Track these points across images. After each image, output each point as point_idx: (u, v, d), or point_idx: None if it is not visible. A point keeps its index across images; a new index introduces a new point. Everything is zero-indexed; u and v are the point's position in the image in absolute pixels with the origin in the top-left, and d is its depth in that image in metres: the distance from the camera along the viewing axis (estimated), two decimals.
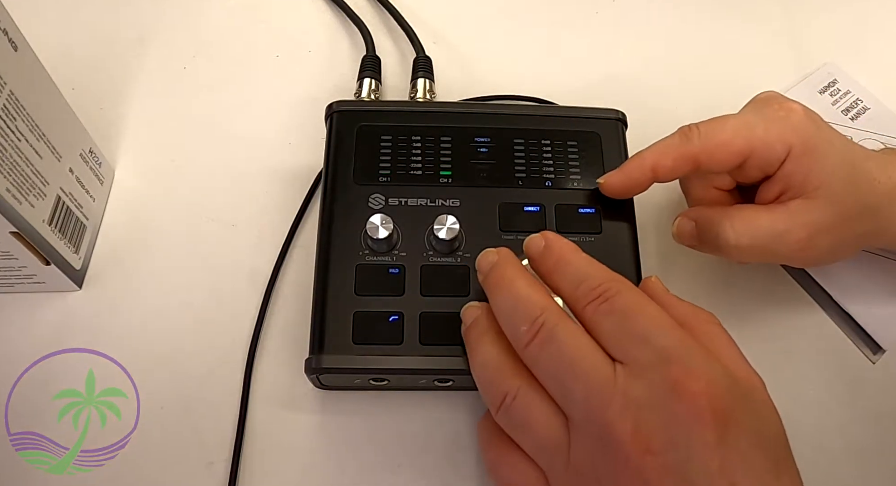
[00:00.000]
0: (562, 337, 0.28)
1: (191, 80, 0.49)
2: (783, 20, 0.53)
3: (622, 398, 0.26)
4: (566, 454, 0.27)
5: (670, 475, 0.25)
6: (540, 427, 0.28)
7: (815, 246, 0.36)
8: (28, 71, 0.35)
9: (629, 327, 0.27)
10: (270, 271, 0.42)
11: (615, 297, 0.28)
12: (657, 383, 0.26)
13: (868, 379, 0.41)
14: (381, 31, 0.51)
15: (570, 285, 0.30)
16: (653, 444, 0.25)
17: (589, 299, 0.28)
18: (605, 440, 0.26)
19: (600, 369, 0.27)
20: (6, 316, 0.40)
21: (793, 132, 0.36)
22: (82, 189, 0.40)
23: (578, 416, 0.27)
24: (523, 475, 0.29)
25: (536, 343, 0.28)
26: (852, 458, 0.39)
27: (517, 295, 0.30)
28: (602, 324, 0.28)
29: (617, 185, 0.38)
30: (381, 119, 0.41)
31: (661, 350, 0.27)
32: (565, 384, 0.27)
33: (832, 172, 0.36)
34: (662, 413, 0.26)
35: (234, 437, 0.37)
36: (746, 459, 0.26)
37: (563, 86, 0.49)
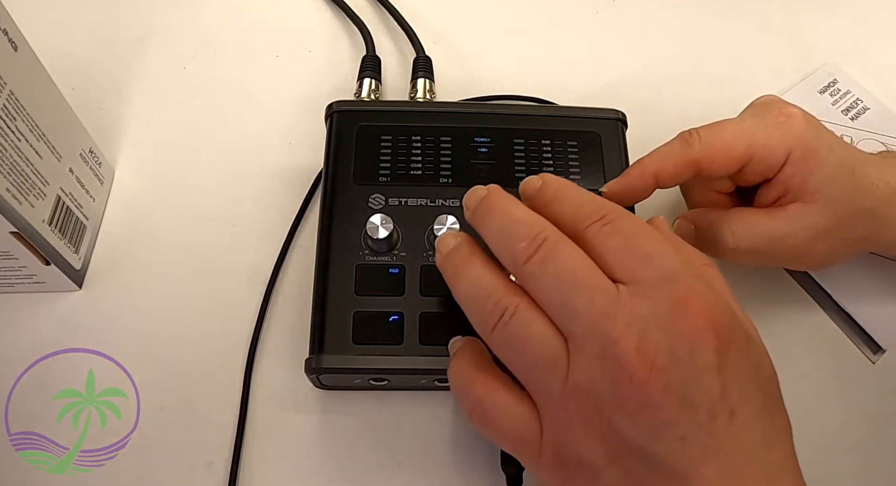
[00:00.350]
0: (564, 253, 0.27)
1: (191, 80, 0.49)
2: (783, 20, 0.53)
3: (627, 314, 0.25)
4: (564, 373, 0.26)
5: (673, 393, 0.24)
6: (539, 343, 0.27)
7: (814, 250, 0.36)
8: (28, 71, 0.35)
9: (633, 246, 0.27)
10: (270, 271, 0.42)
11: (618, 220, 0.27)
12: (661, 300, 0.25)
13: (868, 379, 0.41)
14: (381, 31, 0.51)
15: (571, 209, 0.28)
16: (658, 360, 0.25)
17: (591, 220, 0.28)
18: (608, 356, 0.25)
19: (604, 284, 0.26)
20: (6, 316, 0.40)
21: (792, 137, 0.36)
22: (82, 189, 0.40)
23: (580, 331, 0.26)
24: (512, 409, 0.28)
25: (537, 259, 0.27)
26: (852, 458, 0.39)
27: (513, 217, 0.29)
28: (605, 245, 0.27)
29: (620, 192, 0.38)
30: (381, 119, 0.41)
31: (665, 270, 0.26)
32: (568, 299, 0.26)
33: (831, 177, 0.36)
34: (667, 330, 0.25)
35: (234, 437, 0.37)
36: (745, 388, 0.25)
37: (563, 86, 0.49)
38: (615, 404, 0.25)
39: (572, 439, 0.26)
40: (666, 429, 0.24)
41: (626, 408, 0.25)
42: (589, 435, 0.26)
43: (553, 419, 0.27)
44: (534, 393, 0.28)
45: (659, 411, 0.24)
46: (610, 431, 0.25)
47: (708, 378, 0.25)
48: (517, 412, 0.28)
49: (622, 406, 0.25)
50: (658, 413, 0.24)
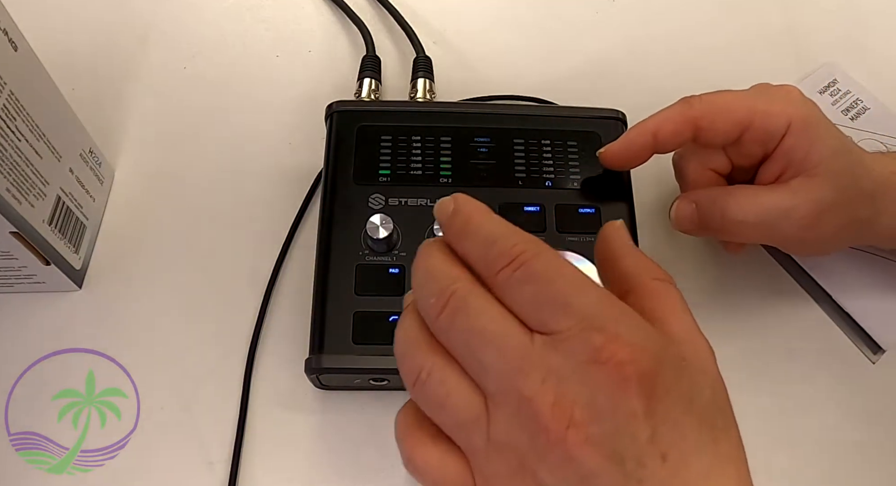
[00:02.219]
0: (473, 306, 0.25)
1: (191, 80, 0.49)
2: (783, 20, 0.53)
3: (541, 369, 0.24)
4: (485, 430, 0.25)
5: (596, 448, 0.23)
6: (457, 403, 0.26)
7: (819, 226, 0.36)
8: (28, 71, 0.35)
9: (547, 294, 0.25)
10: (270, 271, 0.42)
11: (530, 261, 0.25)
12: (578, 351, 0.24)
13: (868, 379, 0.41)
14: (381, 31, 0.51)
15: (480, 249, 0.26)
16: (575, 416, 0.23)
17: (500, 264, 0.25)
18: (524, 414, 0.24)
19: (515, 337, 0.25)
20: (6, 316, 0.40)
21: (793, 108, 0.36)
22: (82, 189, 0.40)
23: (494, 388, 0.25)
24: (440, 465, 0.27)
25: (446, 315, 0.25)
26: (852, 458, 0.39)
27: (428, 266, 0.27)
28: (517, 293, 0.25)
29: (618, 153, 0.37)
30: (381, 119, 0.41)
31: (583, 316, 0.24)
32: (478, 356, 0.25)
33: (833, 151, 0.36)
34: (585, 383, 0.24)
35: (234, 437, 0.37)
36: (679, 427, 0.24)
37: (563, 86, 0.49)
38: (538, 459, 0.24)
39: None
40: (592, 481, 0.23)
41: (549, 463, 0.24)
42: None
43: (482, 472, 0.26)
44: (462, 448, 0.27)
45: (582, 465, 0.23)
46: (536, 483, 0.24)
47: (633, 427, 0.23)
48: (446, 468, 0.27)
49: (544, 462, 0.24)
50: (581, 467, 0.23)
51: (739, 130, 0.36)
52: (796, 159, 0.36)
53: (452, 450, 0.27)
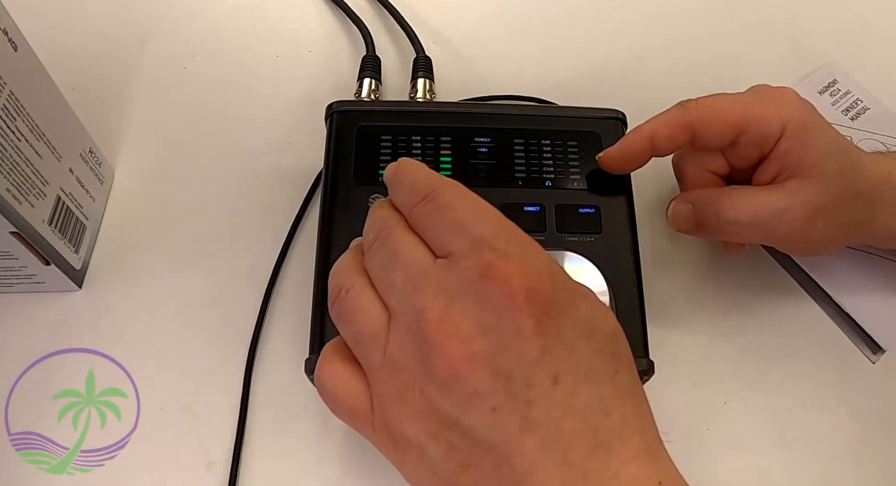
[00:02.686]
0: (395, 235, 0.27)
1: (191, 80, 0.49)
2: (783, 20, 0.53)
3: (436, 285, 0.25)
4: (384, 346, 0.26)
5: (480, 363, 0.23)
6: (363, 317, 0.27)
7: (814, 227, 0.36)
8: (28, 71, 0.35)
9: (448, 219, 0.26)
10: (270, 271, 0.42)
11: (440, 195, 0.26)
12: (469, 268, 0.24)
13: (868, 379, 0.41)
14: (381, 31, 0.51)
15: (405, 192, 0.28)
16: (461, 329, 0.24)
17: (416, 200, 0.27)
18: (415, 328, 0.24)
19: (421, 260, 0.26)
20: (6, 316, 0.40)
21: (788, 111, 0.36)
22: (82, 189, 0.40)
23: (396, 305, 0.26)
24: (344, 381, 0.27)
25: (376, 245, 0.27)
26: (852, 458, 0.39)
27: (372, 214, 0.29)
28: (426, 222, 0.27)
29: (615, 158, 0.38)
30: (381, 119, 0.41)
31: (478, 238, 0.25)
32: (389, 276, 0.26)
33: (827, 153, 0.36)
34: (474, 300, 0.24)
35: (234, 437, 0.37)
36: (574, 350, 0.24)
37: (563, 86, 0.49)
38: (425, 376, 0.24)
39: (395, 414, 0.25)
40: (476, 400, 0.23)
41: (435, 380, 0.24)
42: (408, 410, 0.25)
43: (378, 393, 0.26)
44: (364, 369, 0.27)
45: (466, 381, 0.23)
46: (425, 405, 0.24)
47: (522, 344, 0.23)
48: (349, 385, 0.27)
49: (431, 378, 0.24)
50: (465, 384, 0.23)
51: (735, 134, 0.37)
52: (791, 162, 0.36)
53: (358, 372, 0.27)
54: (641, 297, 0.37)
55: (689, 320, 0.42)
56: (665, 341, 0.40)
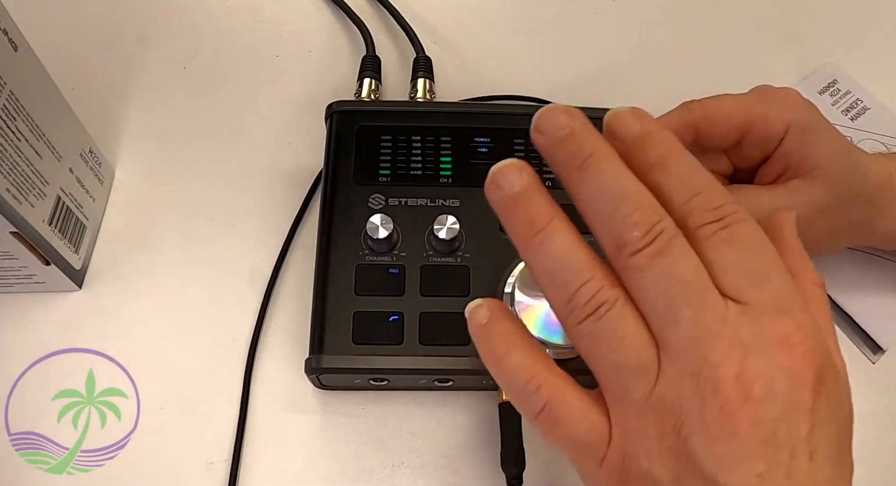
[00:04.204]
0: (678, 253, 0.24)
1: (191, 80, 0.49)
2: (783, 20, 0.53)
3: (731, 337, 0.24)
4: (652, 382, 0.24)
5: (761, 428, 0.23)
6: (631, 345, 0.25)
7: (814, 227, 0.36)
8: (28, 71, 0.35)
9: (749, 263, 0.24)
10: (270, 271, 0.42)
11: (738, 225, 0.25)
12: (769, 330, 0.24)
13: (868, 379, 0.41)
14: (381, 32, 0.51)
15: (681, 193, 0.25)
16: (753, 392, 0.23)
17: (707, 219, 0.25)
18: (703, 377, 0.24)
19: (714, 299, 0.24)
20: (6, 316, 0.40)
21: (792, 111, 0.36)
22: (82, 189, 0.40)
23: (678, 344, 0.24)
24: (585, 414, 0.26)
25: (648, 253, 0.24)
26: None
27: (623, 189, 0.25)
28: (719, 253, 0.24)
29: None
30: (381, 119, 0.41)
31: (778, 297, 0.24)
32: (673, 306, 0.24)
33: (830, 155, 0.36)
34: (769, 363, 0.23)
35: (234, 437, 0.37)
36: (826, 432, 0.24)
37: (563, 86, 0.49)
38: (699, 425, 0.24)
39: (642, 451, 0.25)
40: (745, 462, 0.23)
41: (709, 433, 0.23)
42: (662, 450, 0.24)
43: (626, 426, 0.25)
44: (609, 394, 0.26)
45: (742, 443, 0.23)
46: (684, 451, 0.24)
47: (799, 418, 0.24)
48: (590, 417, 0.26)
49: (706, 430, 0.24)
50: (741, 445, 0.23)
51: (739, 135, 0.37)
52: (794, 162, 0.36)
53: (598, 402, 0.26)
54: None
55: None
56: None
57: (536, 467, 0.37)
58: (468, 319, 0.28)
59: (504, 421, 0.35)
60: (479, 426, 0.38)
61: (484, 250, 0.37)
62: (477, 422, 0.38)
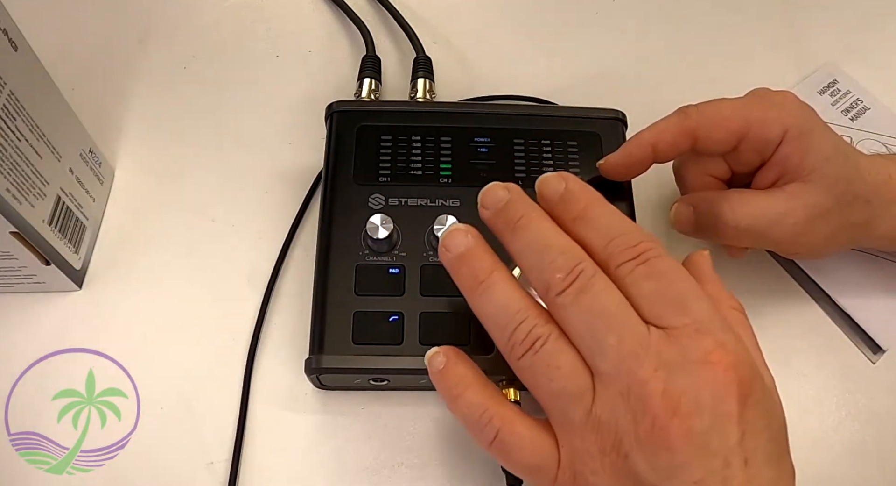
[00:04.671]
0: (599, 288, 0.27)
1: (191, 80, 0.49)
2: (783, 20, 0.53)
3: (655, 358, 0.26)
4: (588, 406, 0.27)
5: (692, 439, 0.25)
6: (567, 374, 0.27)
7: (813, 231, 0.37)
8: (28, 71, 0.35)
9: (667, 291, 0.27)
10: (270, 271, 0.42)
11: (655, 260, 0.28)
12: (690, 349, 0.26)
13: (868, 379, 0.41)
14: (381, 32, 0.51)
15: (601, 237, 0.28)
16: (681, 406, 0.25)
17: (625, 257, 0.28)
18: (633, 396, 0.26)
19: (635, 326, 0.27)
20: (6, 316, 0.40)
21: (789, 116, 0.37)
22: (82, 189, 0.40)
23: (607, 369, 0.27)
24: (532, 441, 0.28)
25: (572, 291, 0.27)
26: (852, 458, 0.39)
27: (547, 241, 0.29)
28: (638, 286, 0.27)
29: (617, 165, 0.38)
30: (381, 119, 0.41)
31: (696, 319, 0.27)
32: (597, 336, 0.27)
33: (827, 158, 0.36)
34: (693, 379, 0.26)
35: (234, 437, 0.37)
36: (758, 438, 0.26)
37: (563, 86, 0.49)
38: (635, 441, 0.26)
39: (588, 469, 0.27)
40: (682, 472, 0.25)
41: (645, 447, 0.26)
42: (605, 467, 0.27)
43: (571, 447, 0.28)
44: (554, 420, 0.29)
45: (677, 454, 0.25)
46: (626, 466, 0.26)
47: (728, 427, 0.25)
48: (537, 443, 0.29)
49: (641, 445, 0.26)
50: (675, 456, 0.25)
51: (736, 140, 0.37)
52: (791, 166, 0.36)
53: (545, 429, 0.29)
54: None
55: None
56: None
57: None
58: (427, 365, 0.31)
59: None
60: None
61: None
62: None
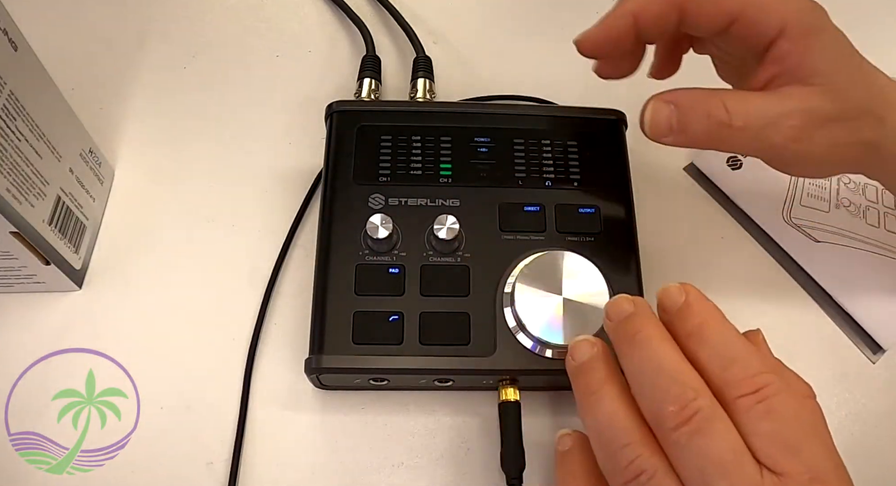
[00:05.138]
0: (714, 431, 0.26)
1: (191, 80, 0.49)
2: None
3: None
4: None
5: None
6: None
7: (810, 138, 0.33)
8: (28, 71, 0.35)
9: (784, 435, 0.27)
10: (270, 271, 0.42)
11: (773, 397, 0.27)
12: None
13: (868, 379, 0.41)
14: (381, 32, 0.51)
15: (717, 362, 0.28)
16: None
17: (743, 390, 0.27)
18: None
19: (750, 474, 0.26)
20: (6, 316, 0.40)
21: (794, 10, 0.33)
22: (82, 189, 0.40)
23: None
24: None
25: (687, 431, 0.26)
26: (852, 458, 0.39)
27: (661, 365, 0.28)
28: (755, 425, 0.27)
29: (595, 40, 0.35)
30: (381, 119, 0.41)
31: (810, 466, 0.26)
32: (709, 480, 0.26)
33: (835, 60, 0.33)
34: None
35: (234, 437, 0.37)
36: None
37: (563, 86, 0.49)
38: None
39: None
40: None
41: None
42: None
43: None
44: None
45: None
46: None
47: None
48: None
49: None
50: None
51: (727, 20, 0.33)
52: (790, 65, 0.33)
53: None
54: (641, 297, 0.37)
55: None
56: None
57: (536, 467, 0.37)
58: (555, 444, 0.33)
59: (504, 421, 0.36)
60: (479, 426, 0.38)
61: (484, 250, 0.37)
62: (477, 422, 0.38)
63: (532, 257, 0.37)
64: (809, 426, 0.28)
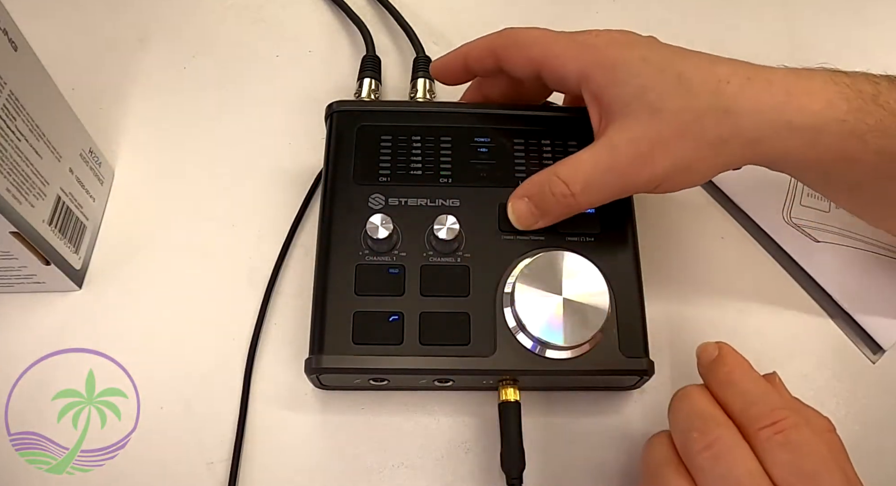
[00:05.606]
0: (735, 456, 0.29)
1: (191, 80, 0.49)
2: (783, 20, 0.53)
3: None
4: None
5: None
6: None
7: (654, 162, 0.33)
8: (28, 71, 0.35)
9: (801, 465, 0.28)
10: (270, 271, 0.42)
11: (790, 430, 0.29)
12: None
13: (868, 379, 0.41)
14: (381, 32, 0.51)
15: (741, 402, 0.31)
16: None
17: (763, 423, 0.29)
18: None
19: None
20: (6, 316, 0.40)
21: (592, 53, 0.35)
22: (82, 189, 0.40)
23: None
24: None
25: (709, 456, 0.29)
26: (852, 458, 0.39)
27: (694, 405, 0.31)
28: (774, 454, 0.29)
29: (437, 70, 0.41)
30: (381, 119, 0.41)
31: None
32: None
33: (644, 86, 0.33)
34: None
35: (234, 437, 0.37)
36: None
37: None
38: None
39: None
40: None
41: None
42: None
43: None
44: None
45: None
46: None
47: None
48: None
49: None
50: None
51: (533, 68, 0.37)
52: (605, 105, 0.35)
53: None
54: (641, 297, 0.37)
55: (690, 320, 0.42)
56: (665, 342, 0.40)
57: (536, 467, 0.37)
58: None
59: (504, 421, 0.36)
60: (479, 426, 0.38)
61: (484, 249, 0.37)
62: (477, 422, 0.38)
63: (532, 258, 0.37)
64: (828, 457, 0.29)
